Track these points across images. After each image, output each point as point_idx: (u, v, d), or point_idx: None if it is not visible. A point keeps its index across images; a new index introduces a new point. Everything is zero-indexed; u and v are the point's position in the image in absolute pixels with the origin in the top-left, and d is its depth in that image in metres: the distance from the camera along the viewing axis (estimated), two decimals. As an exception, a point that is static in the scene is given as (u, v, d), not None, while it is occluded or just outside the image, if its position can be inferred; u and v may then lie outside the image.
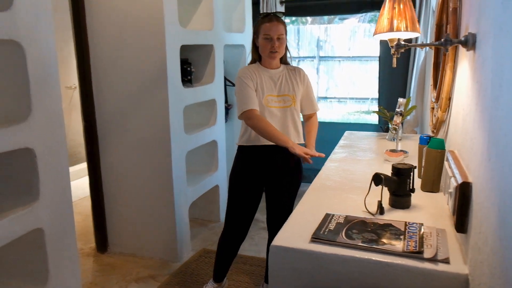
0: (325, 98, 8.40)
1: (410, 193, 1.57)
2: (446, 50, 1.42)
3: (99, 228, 3.26)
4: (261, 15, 2.31)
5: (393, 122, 2.29)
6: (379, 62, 4.33)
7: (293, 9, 4.55)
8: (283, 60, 2.38)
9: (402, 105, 2.27)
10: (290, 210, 2.28)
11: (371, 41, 2.09)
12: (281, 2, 4.42)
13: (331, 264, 1.23)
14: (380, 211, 1.50)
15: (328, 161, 2.25)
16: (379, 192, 1.52)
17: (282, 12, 2.34)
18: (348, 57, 8.32)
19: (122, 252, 3.26)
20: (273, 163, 2.31)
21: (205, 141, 3.44)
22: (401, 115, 2.24)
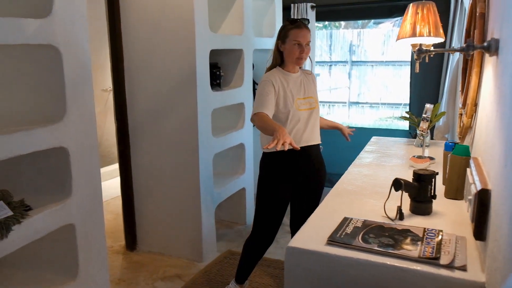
0: (357, 103, 8.32)
1: (432, 200, 1.55)
2: (468, 56, 1.41)
3: (129, 227, 3.37)
4: (288, 21, 2.34)
5: (420, 128, 2.26)
6: (411, 67, 4.26)
7: (324, 14, 4.55)
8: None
9: (429, 111, 2.24)
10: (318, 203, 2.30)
11: (405, 45, 2.06)
12: (312, 7, 4.43)
13: (346, 267, 1.24)
14: (400, 217, 1.50)
15: (352, 166, 2.25)
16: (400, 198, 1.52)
17: (307, 19, 2.38)
18: (381, 62, 8.21)
19: (150, 251, 3.35)
20: (298, 168, 2.34)
21: (233, 144, 3.49)
22: (428, 121, 2.21)
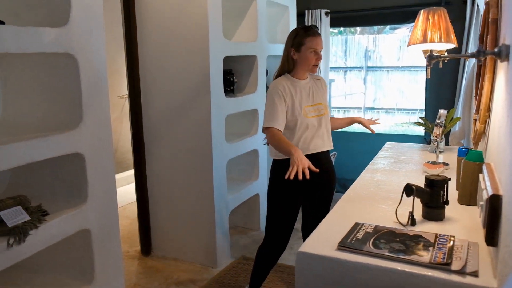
0: (372, 109, 8.28)
1: (444, 205, 1.54)
2: (479, 62, 1.40)
3: (144, 232, 3.41)
4: (301, 28, 2.33)
5: (433, 134, 2.25)
6: (426, 72, 4.23)
7: (339, 20, 4.56)
8: None
9: (443, 117, 2.22)
10: (328, 209, 2.31)
11: (416, 51, 2.05)
12: (327, 13, 4.45)
13: (356, 273, 1.24)
14: (412, 222, 1.49)
15: (365, 172, 2.24)
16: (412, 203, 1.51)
17: (316, 25, 2.39)
18: (397, 67, 8.15)
19: (165, 256, 3.38)
20: (323, 168, 2.29)
21: (246, 150, 3.51)
22: (441, 127, 2.19)
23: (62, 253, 2.22)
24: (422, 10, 1.69)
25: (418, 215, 1.56)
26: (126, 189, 4.91)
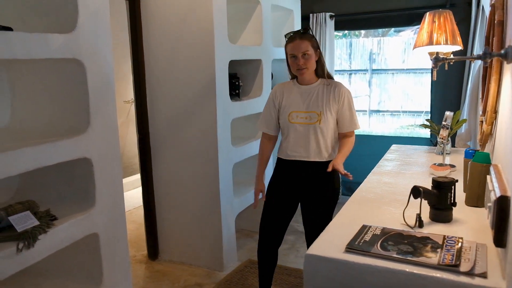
0: (377, 112, 8.26)
1: (451, 207, 1.54)
2: (486, 64, 1.41)
3: (151, 236, 3.42)
4: (286, 36, 2.39)
5: (440, 136, 2.25)
6: (431, 75, 4.23)
7: (344, 23, 4.57)
8: (319, 74, 2.36)
9: (449, 118, 2.22)
10: (326, 223, 2.27)
11: (422, 54, 2.05)
12: (331, 16, 4.46)
13: (365, 275, 1.25)
14: (419, 224, 1.49)
15: (371, 174, 2.24)
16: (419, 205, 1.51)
17: (306, 28, 2.39)
18: (402, 70, 8.15)
19: (172, 260, 3.39)
20: (301, 177, 2.35)
21: (252, 154, 3.51)
22: (448, 129, 2.19)
23: (70, 257, 2.23)
24: (428, 13, 1.69)
25: (426, 217, 1.56)
26: (132, 194, 4.93)
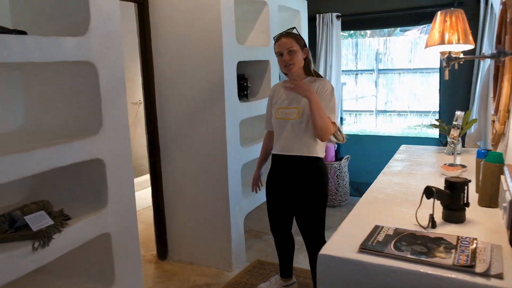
0: (384, 112, 8.24)
1: (465, 208, 1.54)
2: (499, 62, 1.40)
3: (160, 237, 3.43)
4: (274, 38, 2.46)
5: (451, 136, 2.24)
6: (440, 74, 4.22)
7: (350, 23, 4.57)
8: (307, 72, 2.42)
9: (460, 118, 2.22)
10: (315, 222, 2.41)
11: (433, 53, 2.04)
12: (338, 17, 4.46)
13: (379, 275, 1.25)
14: (432, 225, 1.49)
15: (382, 175, 2.24)
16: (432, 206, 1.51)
17: (291, 28, 2.44)
18: (409, 69, 8.12)
19: (181, 260, 3.41)
20: (287, 171, 2.44)
21: (261, 154, 3.52)
22: (459, 128, 2.19)
23: (83, 257, 2.26)
24: (439, 12, 1.69)
25: (438, 218, 1.56)
26: (141, 194, 4.95)
